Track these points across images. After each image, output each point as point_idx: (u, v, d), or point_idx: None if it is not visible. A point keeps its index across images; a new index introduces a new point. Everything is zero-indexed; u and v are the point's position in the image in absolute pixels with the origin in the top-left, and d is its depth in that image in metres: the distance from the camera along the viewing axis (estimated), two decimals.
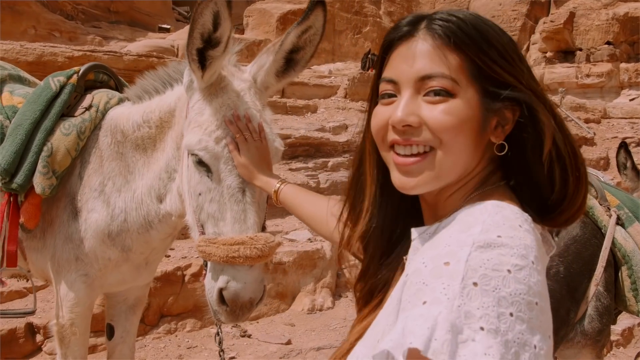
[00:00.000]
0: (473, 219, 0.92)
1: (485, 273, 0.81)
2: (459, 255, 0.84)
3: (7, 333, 3.95)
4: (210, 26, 1.80)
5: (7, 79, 2.78)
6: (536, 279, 0.84)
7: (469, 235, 0.87)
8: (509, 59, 0.99)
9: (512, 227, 0.89)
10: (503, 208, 0.94)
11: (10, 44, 6.36)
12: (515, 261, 0.83)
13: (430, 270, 0.84)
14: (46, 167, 2.39)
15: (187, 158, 1.95)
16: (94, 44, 16.50)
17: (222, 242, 1.77)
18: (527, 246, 0.87)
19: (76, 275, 2.48)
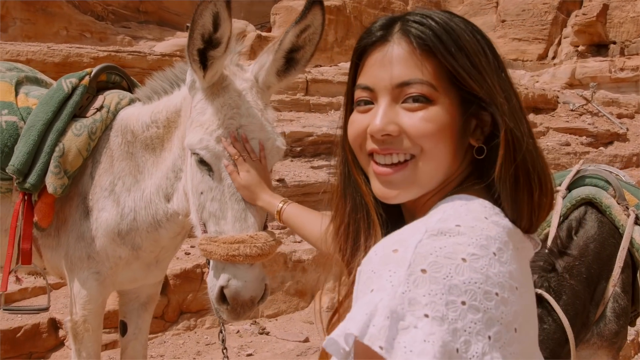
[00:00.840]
0: (436, 212, 0.92)
1: (436, 260, 0.80)
2: (409, 242, 0.83)
3: (31, 328, 4.06)
4: (210, 27, 1.82)
5: (24, 80, 2.85)
6: (497, 270, 0.82)
7: (424, 223, 0.87)
8: (480, 68, 0.96)
9: (475, 218, 0.88)
10: (471, 201, 0.93)
11: (38, 46, 6.52)
12: (472, 250, 0.82)
13: (380, 258, 0.83)
14: (58, 167, 2.44)
15: (190, 157, 1.98)
16: (124, 44, 16.76)
17: (223, 240, 1.80)
18: (489, 237, 0.85)
19: (88, 273, 2.53)
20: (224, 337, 2.32)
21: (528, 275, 0.95)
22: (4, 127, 2.55)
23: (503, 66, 1.01)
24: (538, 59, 23.57)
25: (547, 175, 0.98)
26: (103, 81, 2.76)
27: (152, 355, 4.27)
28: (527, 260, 0.97)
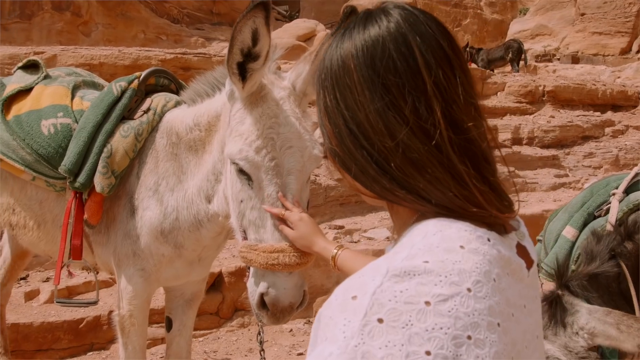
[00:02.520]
0: (407, 241, 0.84)
1: (395, 307, 0.72)
2: (368, 287, 0.75)
3: (92, 320, 4.26)
4: (249, 42, 1.86)
5: (81, 85, 2.98)
6: (472, 309, 0.74)
7: (389, 262, 0.78)
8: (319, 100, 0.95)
9: (447, 250, 0.79)
10: (446, 227, 0.83)
11: (110, 50, 6.82)
12: (438, 291, 0.74)
13: (338, 304, 0.76)
14: (106, 167, 2.55)
15: (230, 165, 2.02)
16: (197, 46, 17.25)
17: (263, 249, 1.84)
18: (462, 271, 0.77)
19: (134, 270, 2.62)
20: (262, 338, 2.35)
21: (522, 300, 0.86)
22: (59, 129, 2.69)
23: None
24: (620, 54, 22.39)
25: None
26: (152, 84, 2.86)
27: (206, 351, 4.38)
28: (520, 283, 0.87)
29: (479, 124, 0.87)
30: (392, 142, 0.84)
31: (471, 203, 0.85)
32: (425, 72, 0.84)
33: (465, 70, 0.89)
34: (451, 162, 0.84)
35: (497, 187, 0.89)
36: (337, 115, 0.89)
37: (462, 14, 23.17)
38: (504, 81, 12.40)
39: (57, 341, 4.18)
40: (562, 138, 10.86)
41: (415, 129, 0.84)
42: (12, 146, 2.72)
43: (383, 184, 0.87)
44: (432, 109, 0.83)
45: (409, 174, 0.85)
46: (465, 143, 0.85)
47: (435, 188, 0.85)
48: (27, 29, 16.20)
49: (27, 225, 2.90)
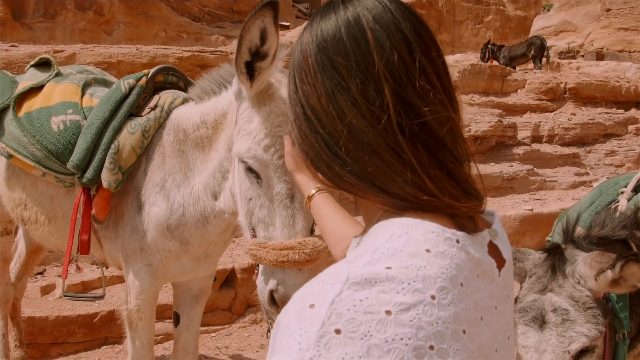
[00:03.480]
0: (370, 244, 0.80)
1: (354, 317, 0.69)
2: (327, 295, 0.71)
3: (106, 314, 4.32)
4: (257, 41, 1.87)
5: (92, 82, 3.02)
6: (435, 317, 0.71)
7: (350, 268, 0.75)
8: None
9: (412, 254, 0.76)
10: (413, 228, 0.80)
11: (127, 48, 6.90)
12: (400, 299, 0.71)
13: (296, 312, 0.73)
14: (113, 164, 2.58)
15: (238, 164, 2.04)
16: (217, 44, 17.33)
17: (272, 246, 1.85)
18: (427, 277, 0.73)
19: (141, 265, 2.65)
20: None
21: (493, 301, 0.84)
22: (68, 125, 2.73)
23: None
24: None
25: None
26: (160, 82, 2.89)
27: (218, 347, 4.41)
28: (491, 284, 0.85)
29: (437, 109, 0.83)
30: (342, 124, 0.83)
31: (421, 190, 0.82)
32: (376, 54, 0.82)
33: (430, 56, 0.85)
34: (400, 146, 0.81)
35: (457, 174, 0.85)
36: (296, 101, 0.90)
37: (484, 10, 22.94)
38: (524, 78, 12.25)
39: (72, 335, 4.25)
40: (584, 136, 10.70)
41: (364, 111, 0.82)
42: (23, 142, 2.77)
43: (335, 169, 0.86)
44: (382, 92, 0.81)
45: (358, 158, 0.83)
46: (420, 128, 0.82)
47: (384, 173, 0.82)
48: (50, 28, 16.43)
49: (38, 220, 2.95)
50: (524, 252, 2.04)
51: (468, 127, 8.71)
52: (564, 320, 1.80)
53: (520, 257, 2.01)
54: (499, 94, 11.54)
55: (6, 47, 6.80)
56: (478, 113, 9.55)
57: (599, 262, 1.83)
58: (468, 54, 20.21)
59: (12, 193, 3.03)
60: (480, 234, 0.87)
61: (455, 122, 0.87)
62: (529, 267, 1.97)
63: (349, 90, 0.82)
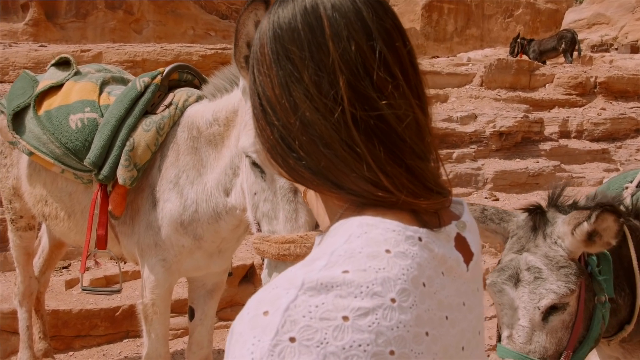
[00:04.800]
0: (328, 245, 0.77)
1: (309, 324, 0.67)
2: (281, 301, 0.69)
3: (128, 308, 4.40)
4: (254, 34, 1.88)
5: (110, 80, 3.09)
6: (395, 321, 0.69)
7: (306, 272, 0.72)
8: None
9: (371, 256, 0.73)
10: (372, 227, 0.77)
11: (152, 46, 7.02)
12: (358, 304, 0.68)
13: (249, 319, 0.70)
14: (128, 161, 2.64)
15: (245, 159, 2.07)
16: None
17: (275, 240, 1.86)
18: (386, 280, 0.71)
19: (156, 260, 2.71)
20: None
21: (460, 298, 0.82)
22: (85, 123, 2.79)
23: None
24: None
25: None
26: (175, 80, 2.93)
27: None
28: (457, 280, 0.82)
29: (397, 103, 0.79)
30: (295, 117, 0.79)
31: (377, 186, 0.79)
32: (332, 44, 0.78)
33: (393, 46, 0.80)
34: (353, 140, 0.77)
35: (417, 170, 0.81)
36: (254, 92, 0.86)
37: (514, 4, 22.60)
38: (553, 73, 12.05)
39: (95, 328, 4.34)
40: (614, 131, 10.48)
41: (317, 104, 0.78)
42: (43, 140, 2.84)
43: (290, 163, 0.83)
44: (336, 83, 0.77)
45: (311, 152, 0.80)
46: (377, 122, 0.78)
47: (338, 169, 0.79)
48: (82, 27, 16.75)
49: (58, 216, 3.03)
50: (510, 213, 2.08)
51: (493, 123, 8.60)
52: (535, 278, 1.84)
53: (506, 218, 2.05)
54: (526, 89, 11.37)
55: (36, 47, 6.97)
56: (504, 108, 9.43)
57: (576, 217, 1.85)
58: (497, 49, 19.95)
59: (33, 189, 3.12)
60: (446, 229, 0.84)
61: (419, 116, 0.82)
62: (512, 228, 2.01)
63: (302, 82, 0.79)
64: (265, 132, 0.85)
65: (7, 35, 11.96)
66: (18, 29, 13.30)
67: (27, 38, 12.43)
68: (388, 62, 0.79)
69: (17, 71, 6.80)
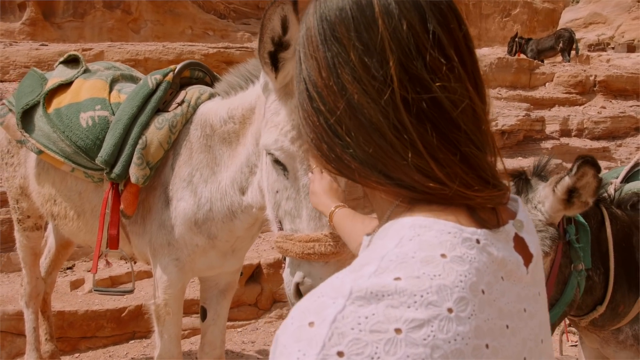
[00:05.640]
0: (378, 248, 0.71)
1: (358, 337, 0.61)
2: (328, 311, 0.63)
3: (134, 309, 4.36)
4: (279, 30, 1.86)
5: (119, 78, 3.05)
6: (453, 333, 0.64)
7: (354, 279, 0.66)
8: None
9: (425, 261, 0.67)
10: (426, 229, 0.71)
11: (154, 45, 6.97)
12: (412, 315, 0.63)
13: (294, 330, 0.65)
14: (140, 159, 2.60)
15: (265, 156, 2.04)
16: (243, 41, 17.40)
17: (298, 239, 1.84)
18: (442, 288, 0.65)
19: (169, 259, 2.67)
20: None
21: (521, 304, 0.76)
22: (96, 121, 2.75)
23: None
24: None
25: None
26: (187, 77, 2.89)
27: (244, 341, 4.42)
28: (518, 284, 0.76)
29: (452, 86, 0.73)
30: (343, 100, 0.75)
31: (428, 176, 0.73)
32: (382, 22, 0.73)
33: (448, 27, 0.75)
34: (403, 125, 0.72)
35: (472, 159, 0.75)
36: (300, 80, 0.82)
37: (511, 3, 22.61)
38: (553, 71, 12.06)
39: (101, 329, 4.30)
40: (614, 129, 10.49)
41: (366, 85, 0.73)
42: (52, 138, 2.80)
43: (336, 152, 0.78)
44: (386, 63, 0.73)
45: (359, 139, 0.75)
46: (429, 106, 0.73)
47: (387, 156, 0.74)
48: (79, 27, 16.69)
49: (67, 215, 2.99)
50: None
51: (495, 122, 8.59)
52: None
53: None
54: (526, 88, 11.37)
55: (37, 46, 6.91)
56: (505, 107, 9.42)
57: (557, 177, 1.89)
58: (495, 48, 19.94)
59: (41, 188, 3.08)
60: (505, 228, 0.78)
61: (475, 102, 0.76)
62: None
63: (350, 63, 0.74)
64: (311, 120, 0.81)
65: (4, 34, 11.89)
66: (15, 28, 13.23)
67: (24, 37, 12.36)
68: (442, 43, 0.74)
69: (17, 70, 6.75)
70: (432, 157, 0.73)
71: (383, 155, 0.74)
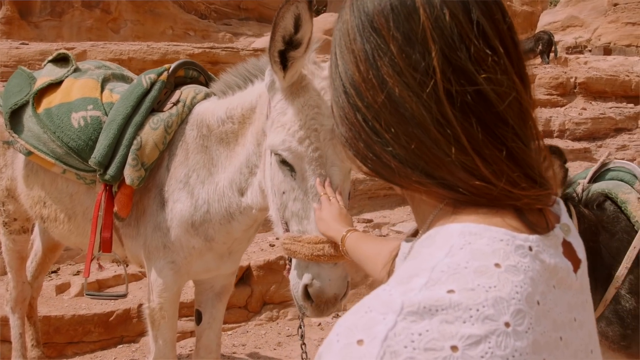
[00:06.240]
0: (426, 258, 0.67)
1: (413, 356, 0.58)
2: (378, 328, 0.60)
3: (122, 313, 4.28)
4: (291, 28, 1.82)
5: (110, 77, 2.98)
6: (511, 349, 0.60)
7: (404, 292, 0.62)
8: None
9: (479, 271, 0.64)
10: (476, 237, 0.68)
11: (138, 45, 6.87)
12: (468, 331, 0.59)
13: (340, 348, 0.60)
14: (135, 160, 2.54)
15: (270, 156, 1.99)
16: (224, 41, 17.30)
17: (307, 240, 1.81)
18: (499, 300, 0.62)
19: (164, 262, 2.61)
20: (303, 332, 2.31)
21: (571, 313, 0.72)
22: (88, 121, 2.68)
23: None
24: None
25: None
26: (181, 76, 2.84)
27: (235, 344, 4.37)
28: (568, 292, 0.73)
29: (497, 78, 0.70)
30: (383, 94, 0.71)
31: (473, 174, 0.70)
32: (423, 11, 0.70)
33: (492, 18, 0.72)
34: (447, 119, 0.69)
35: (519, 156, 0.71)
36: (336, 75, 0.79)
37: None
38: (534, 73, 12.17)
39: (88, 334, 4.22)
40: (595, 130, 10.63)
41: (407, 78, 0.70)
42: (43, 139, 2.73)
43: (375, 150, 0.74)
44: (428, 54, 0.69)
45: (399, 135, 0.71)
46: (474, 99, 0.69)
47: (430, 152, 0.70)
48: (57, 26, 16.45)
49: (58, 218, 2.91)
50: None
51: None
52: None
53: None
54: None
55: (17, 44, 6.77)
56: None
57: None
58: None
59: (30, 191, 3.00)
60: (554, 233, 0.74)
61: (522, 95, 0.73)
62: None
63: (390, 54, 0.71)
64: (347, 117, 0.77)
65: None
66: None
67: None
68: (487, 34, 0.71)
69: None
70: (477, 153, 0.69)
71: (426, 151, 0.71)
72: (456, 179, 0.70)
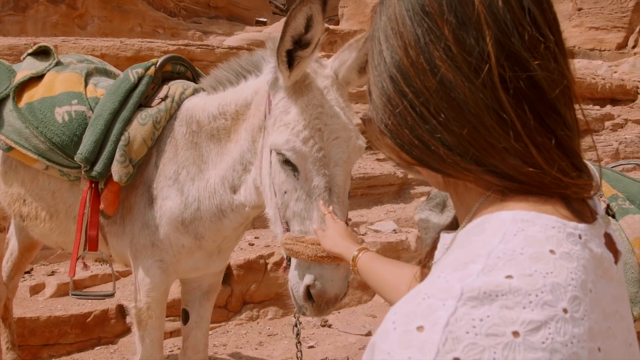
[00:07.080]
0: (479, 245, 0.66)
1: (475, 342, 0.57)
2: (438, 314, 0.59)
3: (100, 313, 4.18)
4: (302, 29, 1.81)
5: (93, 72, 2.90)
6: (569, 336, 0.59)
7: (461, 277, 0.61)
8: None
9: (535, 257, 0.63)
10: (529, 223, 0.67)
11: (111, 41, 6.72)
12: (528, 316, 0.58)
13: (399, 336, 0.59)
14: (123, 156, 2.48)
15: (271, 155, 1.97)
16: (194, 39, 17.12)
17: (310, 241, 1.79)
18: (556, 286, 0.61)
19: (152, 261, 2.55)
20: (299, 331, 2.27)
21: (615, 305, 0.71)
22: (73, 116, 2.61)
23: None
24: (617, 48, 22.41)
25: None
26: (168, 71, 2.79)
27: (215, 344, 4.31)
28: (611, 282, 0.72)
29: (549, 66, 0.70)
30: (434, 79, 0.70)
31: (524, 161, 0.69)
32: None
33: (541, 7, 0.72)
34: (501, 105, 0.68)
35: (567, 144, 0.71)
36: (380, 61, 0.78)
37: None
38: None
39: (64, 335, 4.10)
40: None
41: (460, 62, 0.69)
42: (24, 134, 2.64)
43: (422, 137, 0.73)
44: (482, 39, 0.68)
45: (449, 120, 0.70)
46: (527, 86, 0.69)
47: (482, 138, 0.69)
48: (21, 21, 16.05)
49: (38, 216, 2.82)
50: None
51: None
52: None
53: None
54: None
55: None
56: None
57: None
58: None
59: (9, 188, 2.90)
60: (597, 223, 0.74)
61: (571, 83, 0.73)
62: None
63: (443, 38, 0.70)
64: (391, 104, 0.76)
65: None
66: None
67: None
68: (537, 21, 0.71)
69: None
70: (531, 140, 0.69)
71: (478, 137, 0.70)
72: (507, 166, 0.70)
